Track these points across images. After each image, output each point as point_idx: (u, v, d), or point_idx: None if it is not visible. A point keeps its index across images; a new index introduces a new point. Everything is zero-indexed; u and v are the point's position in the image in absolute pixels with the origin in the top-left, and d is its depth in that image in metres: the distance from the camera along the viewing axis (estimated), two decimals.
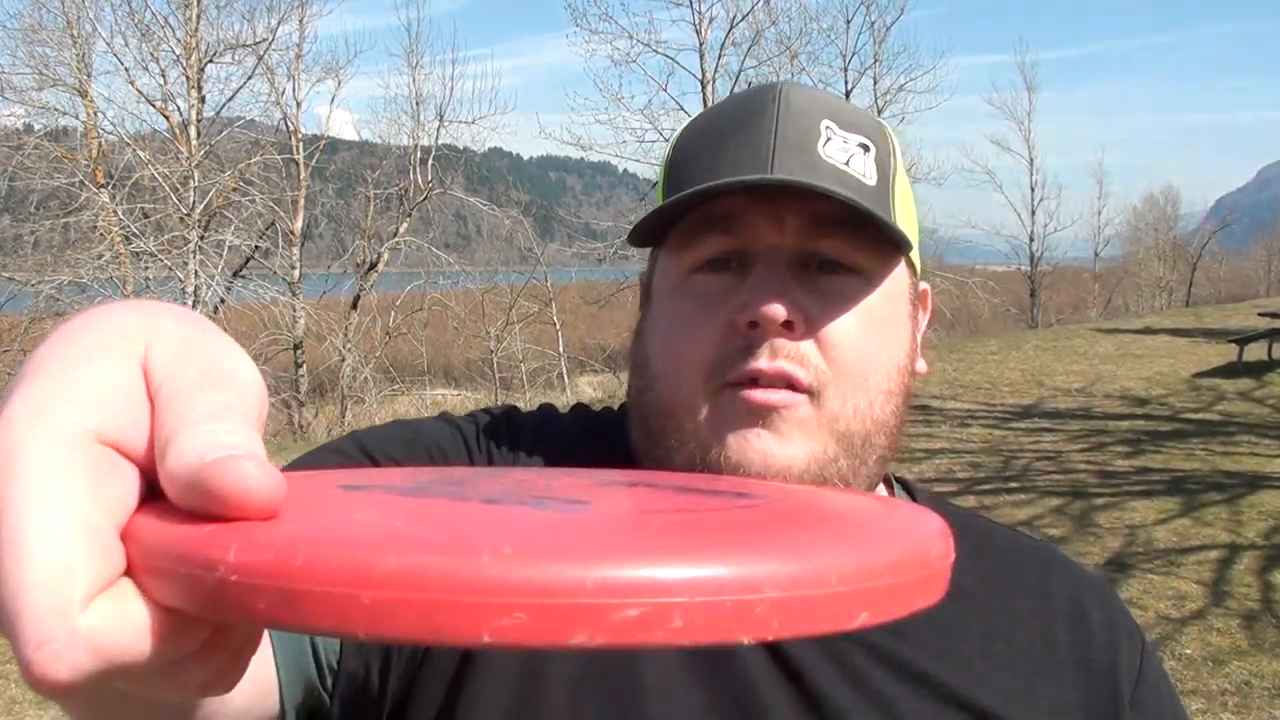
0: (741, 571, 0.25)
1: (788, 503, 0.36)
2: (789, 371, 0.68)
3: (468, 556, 0.24)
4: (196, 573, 0.26)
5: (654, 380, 0.72)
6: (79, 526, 0.27)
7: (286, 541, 0.26)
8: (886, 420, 0.71)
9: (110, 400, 0.30)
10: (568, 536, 0.28)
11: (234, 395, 0.30)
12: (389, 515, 0.30)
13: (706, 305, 0.70)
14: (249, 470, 0.27)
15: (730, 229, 0.70)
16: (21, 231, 15.56)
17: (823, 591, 0.26)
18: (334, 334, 16.25)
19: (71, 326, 0.33)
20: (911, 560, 0.29)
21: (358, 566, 0.25)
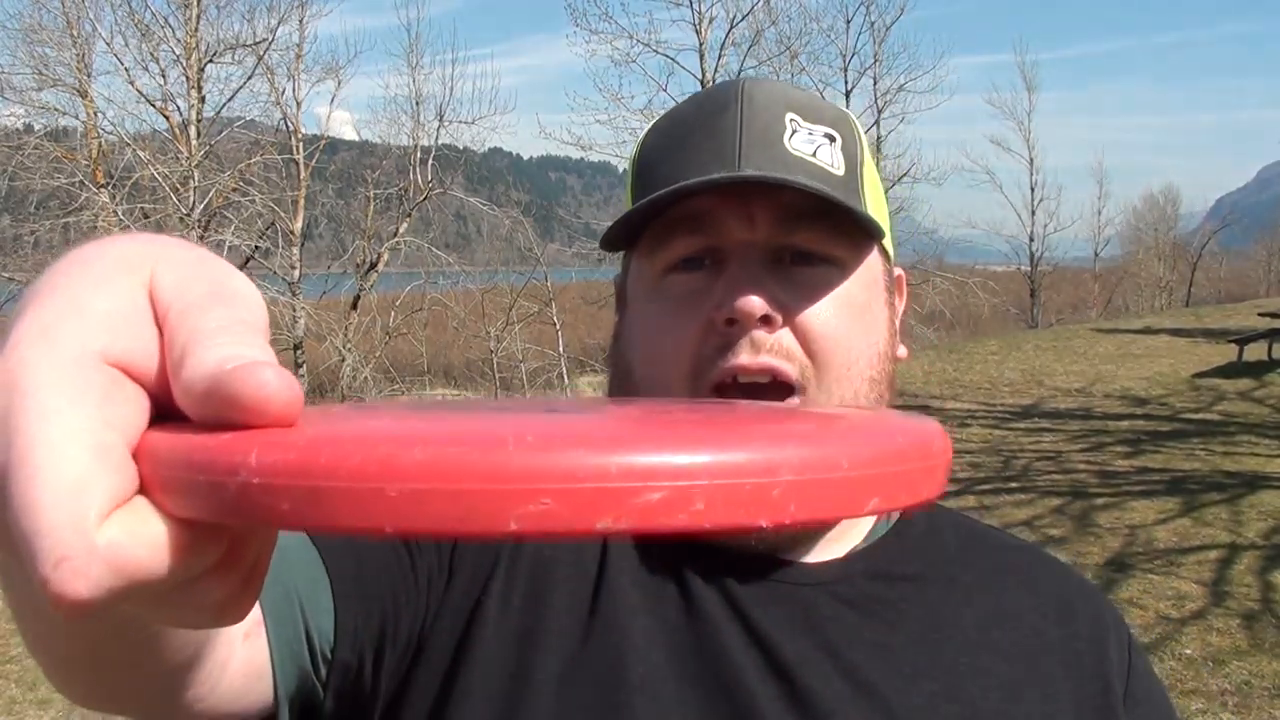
0: (759, 456, 0.26)
1: (798, 410, 0.39)
2: (773, 365, 0.68)
3: (493, 447, 0.25)
4: (218, 479, 0.26)
5: (635, 386, 0.73)
6: (91, 443, 0.27)
7: (308, 442, 0.26)
8: None
9: (117, 323, 0.30)
10: (588, 430, 0.28)
11: (244, 311, 0.31)
12: (407, 420, 0.30)
13: (683, 305, 0.70)
14: (269, 377, 0.27)
15: (701, 228, 0.70)
16: (21, 231, 15.56)
17: (836, 475, 0.27)
18: (334, 334, 16.25)
19: (75, 256, 0.33)
20: (916, 450, 0.30)
21: (384, 459, 0.25)
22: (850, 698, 0.66)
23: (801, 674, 0.66)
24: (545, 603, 0.68)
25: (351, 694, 0.66)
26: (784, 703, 0.65)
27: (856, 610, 0.70)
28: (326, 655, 0.64)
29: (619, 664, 0.65)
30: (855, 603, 0.71)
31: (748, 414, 0.35)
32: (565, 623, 0.67)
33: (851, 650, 0.68)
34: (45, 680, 3.35)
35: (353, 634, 0.64)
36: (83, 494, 0.26)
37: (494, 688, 0.65)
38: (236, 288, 0.32)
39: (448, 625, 0.67)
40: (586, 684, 0.65)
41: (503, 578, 0.68)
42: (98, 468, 0.27)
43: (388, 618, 0.65)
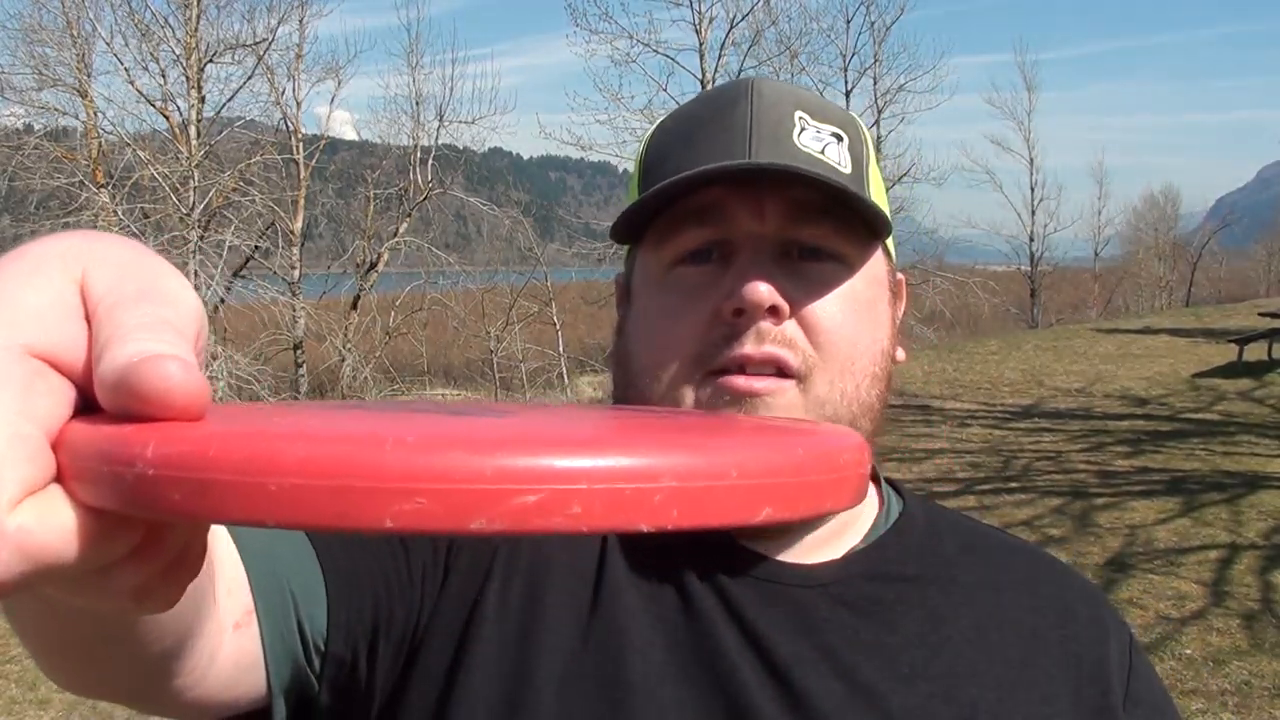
0: (640, 461, 0.26)
1: (717, 419, 0.38)
2: (778, 355, 0.68)
3: (372, 445, 0.25)
4: (118, 469, 0.27)
5: (638, 375, 0.73)
6: (5, 433, 0.28)
7: (201, 436, 0.27)
8: (872, 404, 0.72)
9: (45, 316, 0.30)
10: (473, 431, 0.29)
11: (169, 311, 0.31)
12: (307, 418, 0.31)
13: (690, 296, 0.71)
14: (172, 370, 0.28)
15: (710, 219, 0.70)
16: (21, 231, 15.54)
17: (723, 483, 0.27)
18: (334, 334, 16.24)
19: (14, 252, 0.33)
20: (818, 461, 0.30)
21: (266, 455, 0.26)
22: (847, 698, 0.66)
23: (798, 675, 0.66)
24: (543, 603, 0.68)
25: (346, 688, 0.66)
26: (781, 704, 0.65)
27: (854, 611, 0.70)
28: (319, 647, 0.64)
29: (619, 664, 0.65)
30: (853, 604, 0.71)
31: (662, 420, 0.34)
32: (564, 623, 0.67)
33: (849, 651, 0.68)
34: (45, 680, 3.36)
35: (345, 626, 0.64)
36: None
37: (494, 689, 0.65)
38: (167, 287, 0.32)
39: (445, 625, 0.67)
40: (587, 684, 0.65)
41: (500, 577, 0.68)
42: (10, 456, 0.28)
43: (380, 611, 0.65)
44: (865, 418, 0.71)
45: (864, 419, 0.71)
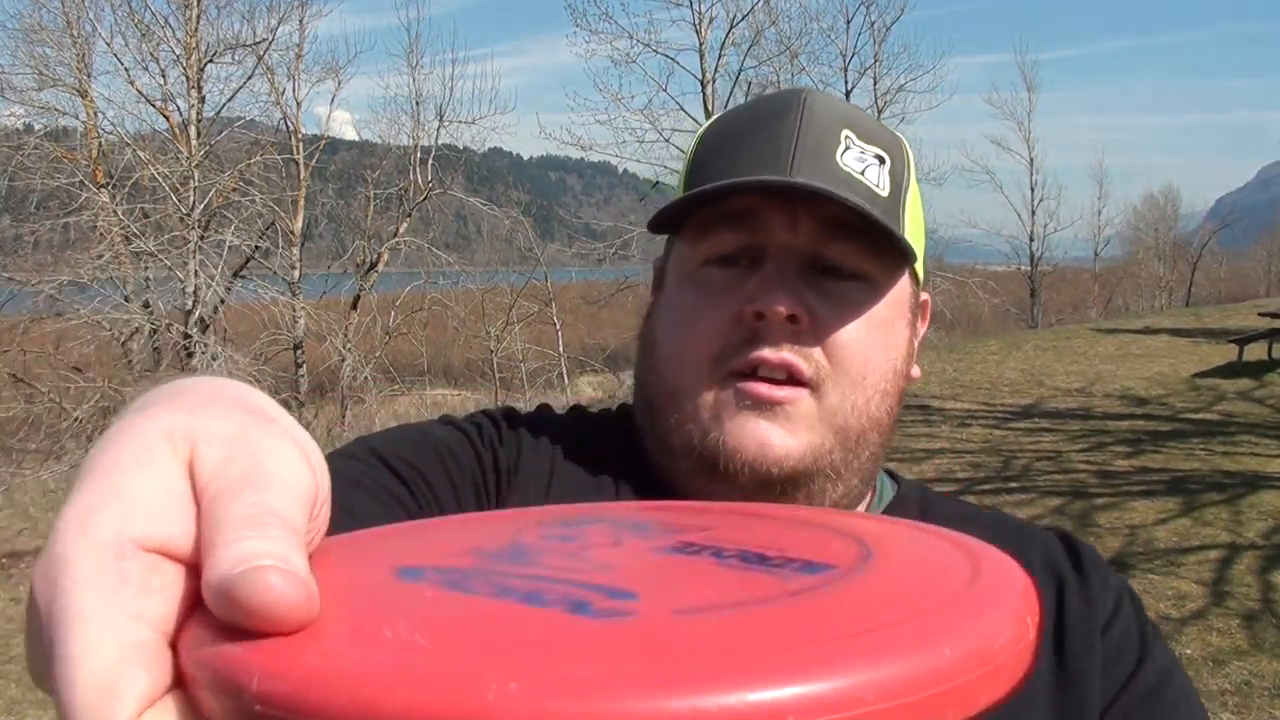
0: (762, 699, 0.24)
1: (850, 582, 0.33)
2: (792, 361, 0.70)
3: (474, 693, 0.25)
4: (226, 697, 0.27)
5: (660, 363, 0.76)
6: (122, 642, 0.27)
7: (302, 674, 0.26)
8: (881, 419, 0.74)
9: (155, 507, 0.30)
10: (585, 661, 0.27)
11: (273, 497, 0.30)
12: (415, 629, 0.29)
13: (716, 296, 0.73)
14: (273, 583, 0.27)
15: (745, 224, 0.73)
16: (21, 231, 15.56)
17: (858, 712, 0.25)
18: (334, 334, 16.24)
19: (117, 430, 0.33)
20: (968, 659, 0.27)
21: (366, 703, 0.25)
22: None
23: None
24: None
25: None
26: None
27: None
28: None
29: None
30: None
31: (786, 607, 0.31)
32: None
33: None
34: None
35: None
36: (111, 699, 0.27)
37: None
38: (274, 466, 0.31)
39: None
40: None
41: None
42: (127, 670, 0.27)
43: None
44: (874, 431, 0.74)
45: (873, 432, 0.74)
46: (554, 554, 0.38)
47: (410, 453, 0.74)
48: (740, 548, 0.38)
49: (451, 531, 0.43)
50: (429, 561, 0.37)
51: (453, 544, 0.40)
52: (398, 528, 0.44)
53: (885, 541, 0.38)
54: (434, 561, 0.37)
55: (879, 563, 0.35)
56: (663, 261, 0.82)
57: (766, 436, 0.70)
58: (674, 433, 0.73)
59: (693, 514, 0.47)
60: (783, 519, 0.44)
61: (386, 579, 0.35)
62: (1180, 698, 0.74)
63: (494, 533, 0.41)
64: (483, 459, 0.76)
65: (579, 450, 0.79)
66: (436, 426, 0.80)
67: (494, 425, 0.81)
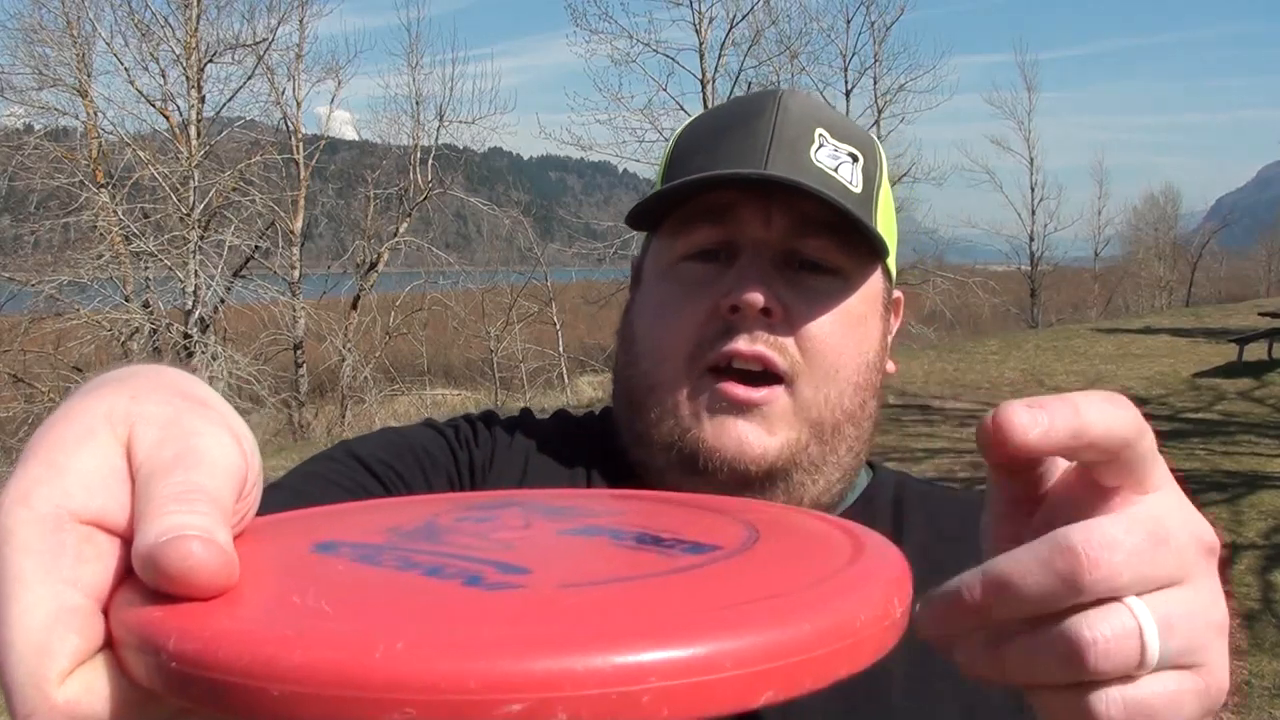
0: (627, 662, 0.26)
1: (732, 561, 0.35)
2: (766, 354, 0.71)
3: (363, 652, 0.26)
4: (148, 656, 0.29)
5: (639, 358, 0.77)
6: (55, 606, 0.29)
7: (214, 633, 0.28)
8: (855, 412, 0.75)
9: (91, 482, 0.32)
10: (474, 624, 0.29)
11: (203, 475, 0.32)
12: (322, 596, 0.31)
13: (692, 290, 0.74)
14: (194, 550, 0.29)
15: (721, 220, 0.74)
16: (21, 231, 15.56)
17: (717, 676, 0.26)
18: (334, 334, 16.24)
19: (63, 411, 0.34)
20: (828, 633, 0.29)
21: (266, 661, 0.27)
22: None
23: None
24: None
25: None
26: None
27: None
28: None
29: None
30: None
31: (669, 581, 0.33)
32: None
33: None
34: None
35: None
36: (45, 656, 0.29)
37: None
38: (205, 447, 0.33)
39: None
40: None
41: None
42: (60, 630, 0.29)
43: None
44: (849, 424, 0.75)
45: (848, 425, 0.75)
46: (463, 534, 0.40)
47: (387, 453, 0.76)
48: (639, 530, 0.41)
49: (375, 511, 0.46)
50: (345, 538, 0.39)
51: (372, 523, 0.42)
52: (326, 509, 0.46)
53: (776, 527, 0.41)
54: (350, 538, 0.39)
55: (764, 545, 0.37)
56: (640, 258, 0.83)
57: (744, 436, 0.71)
58: (653, 427, 0.74)
59: (613, 500, 0.50)
60: (696, 506, 0.47)
61: (303, 553, 0.37)
62: None
63: (414, 513, 0.43)
64: (458, 458, 0.79)
65: (554, 449, 0.81)
66: (416, 429, 0.82)
67: (471, 426, 0.83)
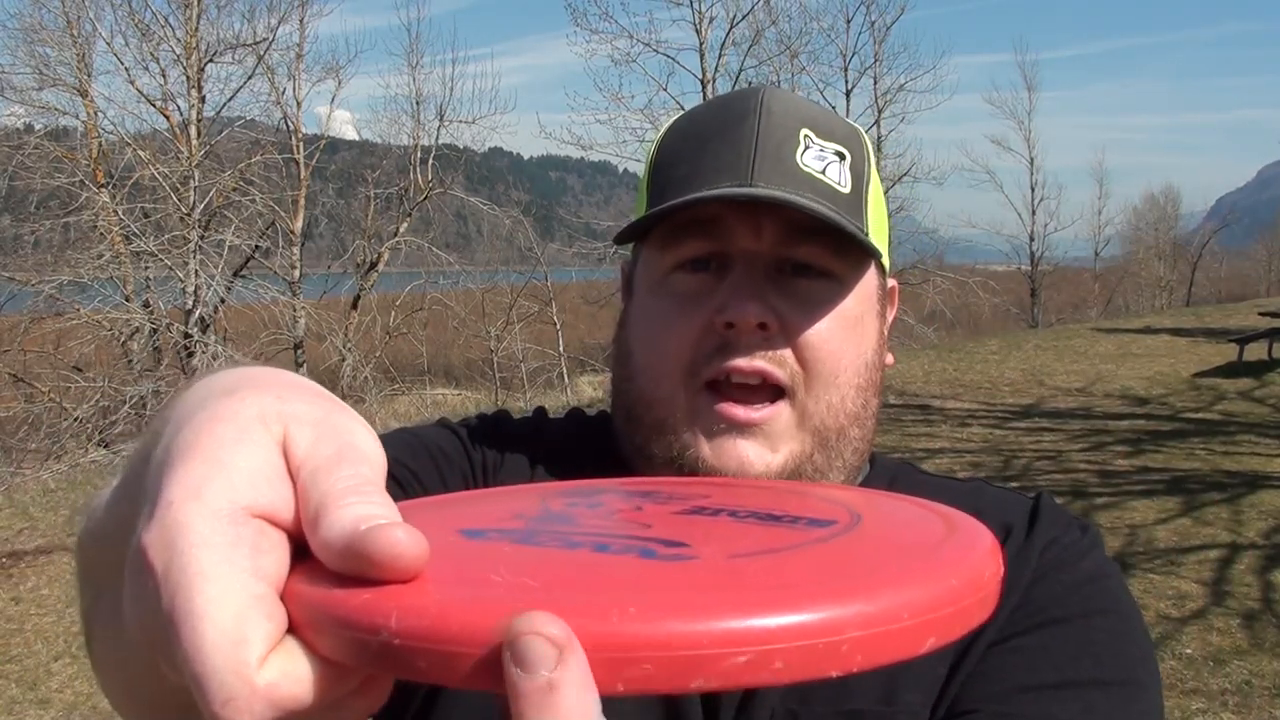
0: (830, 616, 0.29)
1: (855, 532, 0.40)
2: (765, 369, 0.71)
3: (600, 618, 0.28)
4: (362, 636, 0.30)
5: (635, 373, 0.76)
6: (245, 595, 0.31)
7: (440, 608, 0.29)
8: (858, 413, 0.75)
9: (259, 479, 0.34)
10: (681, 590, 0.32)
11: (367, 469, 0.34)
12: (520, 572, 0.33)
13: (685, 304, 0.73)
14: (400, 537, 0.31)
15: (710, 233, 0.73)
16: (21, 231, 15.55)
17: (897, 625, 0.30)
18: (334, 334, 16.24)
19: (211, 413, 0.36)
20: (969, 586, 0.34)
21: (504, 630, 0.28)
22: None
23: None
24: None
25: None
26: None
27: None
28: None
29: None
30: None
31: (818, 550, 0.37)
32: None
33: None
34: (45, 680, 3.36)
35: None
36: (242, 644, 0.30)
37: (475, 701, 0.67)
38: (358, 443, 0.35)
39: None
40: None
41: None
42: (253, 618, 0.31)
43: None
44: (853, 426, 0.74)
45: (852, 428, 0.74)
46: (590, 517, 0.42)
47: (404, 453, 0.77)
48: (749, 509, 0.44)
49: (486, 501, 0.47)
50: (487, 525, 0.41)
51: (496, 510, 0.44)
52: (429, 500, 0.48)
53: (863, 504, 0.45)
54: (491, 524, 0.41)
55: (869, 519, 0.42)
56: (631, 265, 0.82)
57: (745, 455, 0.71)
58: (653, 442, 0.74)
59: (687, 485, 0.53)
60: (767, 489, 0.49)
61: (457, 539, 0.39)
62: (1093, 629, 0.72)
63: (526, 502, 0.45)
64: (472, 458, 0.79)
65: (563, 454, 0.81)
66: (430, 429, 0.82)
67: (484, 427, 0.83)
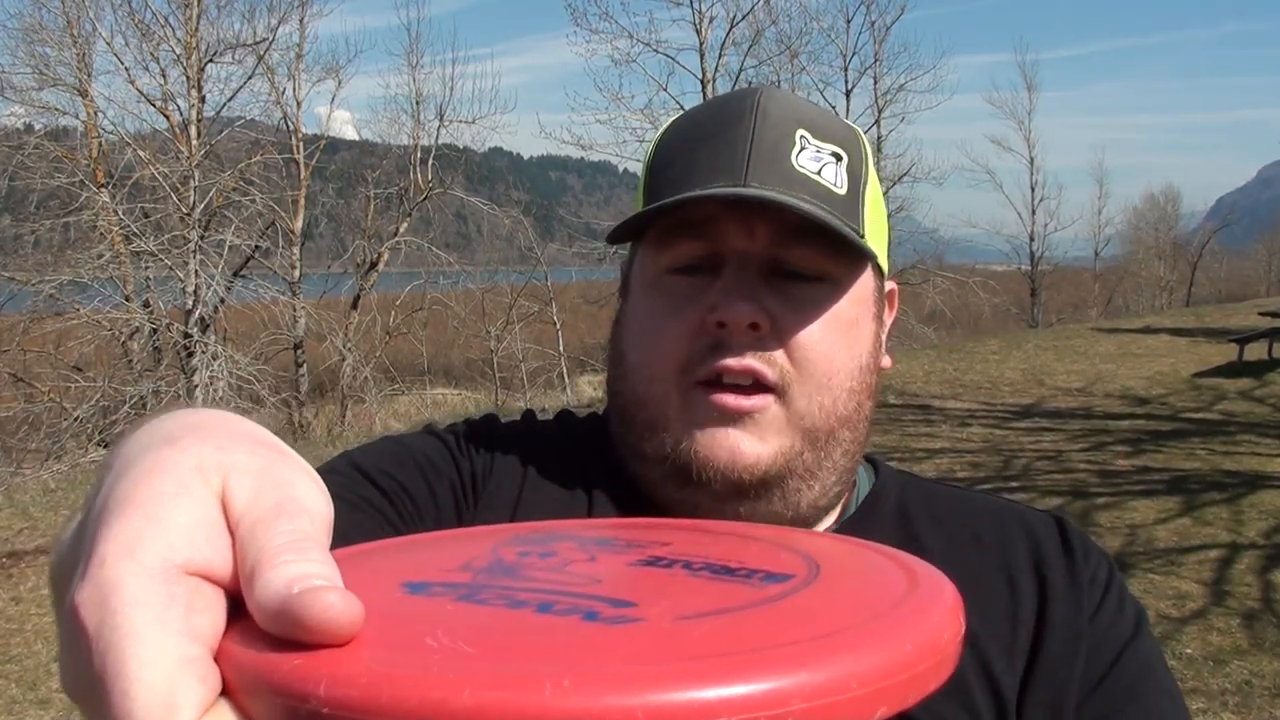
0: (774, 687, 0.29)
1: (809, 590, 0.38)
2: (755, 368, 0.71)
3: (532, 691, 0.27)
4: (291, 703, 0.29)
5: (629, 372, 0.76)
6: (177, 658, 0.30)
7: (370, 678, 0.29)
8: (850, 416, 0.75)
9: (194, 534, 0.32)
10: (619, 660, 0.31)
11: (307, 523, 0.33)
12: (457, 636, 0.32)
13: (679, 305, 0.73)
14: (333, 601, 0.30)
15: (704, 234, 0.73)
16: (21, 231, 15.54)
17: (845, 695, 0.30)
18: (334, 334, 16.24)
19: (149, 464, 0.35)
20: (925, 651, 0.33)
21: (436, 702, 0.28)
22: None
23: None
24: None
25: None
26: None
27: None
28: None
29: None
30: None
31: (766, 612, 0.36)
32: None
33: None
34: (45, 680, 3.37)
35: None
36: (173, 708, 0.29)
37: None
38: (299, 496, 0.35)
39: None
40: None
41: None
42: (184, 681, 0.29)
43: None
44: (845, 429, 0.74)
45: (844, 430, 0.74)
46: (540, 569, 0.41)
47: (390, 464, 0.76)
48: (704, 559, 0.43)
49: (437, 547, 0.47)
50: (430, 577, 0.40)
51: (445, 560, 0.43)
52: (384, 544, 0.47)
53: (821, 552, 0.45)
54: (435, 577, 0.40)
55: (827, 571, 0.41)
56: (628, 264, 0.82)
57: (737, 444, 0.71)
58: (646, 441, 0.74)
59: (649, 530, 0.52)
60: (729, 534, 0.49)
61: (398, 594, 0.38)
62: (1162, 692, 0.75)
63: (477, 547, 0.45)
64: (460, 466, 0.79)
65: (553, 458, 0.80)
66: (417, 437, 0.82)
67: (472, 432, 0.83)
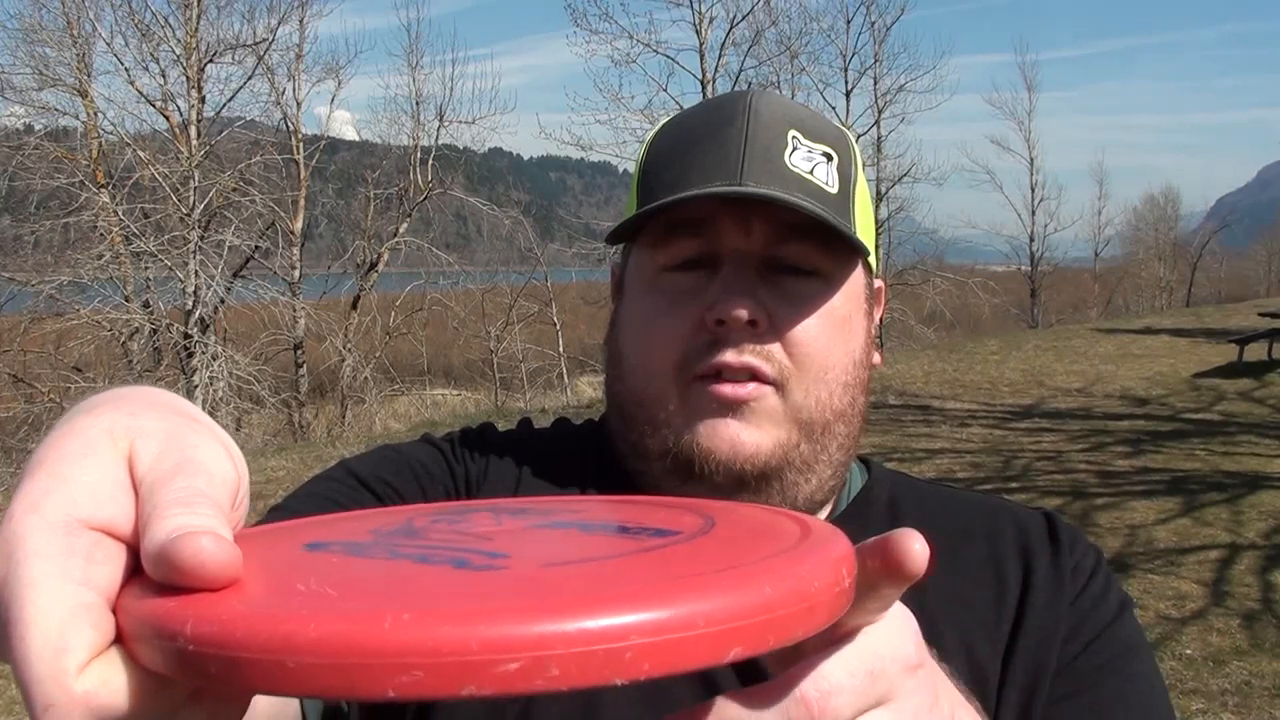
0: (611, 623, 0.29)
1: (690, 544, 0.39)
2: (754, 364, 0.72)
3: (373, 624, 0.29)
4: (164, 642, 0.31)
5: (628, 372, 0.77)
6: (72, 604, 0.31)
7: (230, 616, 0.30)
8: (845, 410, 0.76)
9: (98, 492, 0.34)
10: (467, 598, 0.32)
11: (201, 482, 0.35)
12: (325, 582, 0.34)
13: (676, 303, 0.75)
14: (204, 545, 0.32)
15: (700, 232, 0.74)
16: (21, 231, 15.54)
17: (691, 633, 0.30)
18: (334, 334, 16.24)
19: (63, 429, 0.37)
20: (790, 596, 0.32)
21: (284, 636, 0.29)
22: None
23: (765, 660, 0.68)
24: None
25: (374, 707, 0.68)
26: None
27: None
28: None
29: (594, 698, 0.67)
30: None
31: (638, 560, 0.36)
32: None
33: None
34: None
35: None
36: (63, 651, 0.31)
37: None
38: (200, 457, 0.36)
39: None
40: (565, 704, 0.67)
41: None
42: (76, 626, 0.31)
43: None
44: (839, 422, 0.76)
45: (838, 423, 0.76)
46: (440, 532, 0.43)
47: (386, 470, 0.78)
48: (604, 521, 0.45)
49: (357, 519, 0.49)
50: (333, 538, 0.42)
51: (356, 527, 0.45)
52: (312, 519, 0.50)
53: (729, 515, 0.44)
54: (338, 538, 0.42)
55: (720, 529, 0.41)
56: (621, 266, 0.83)
57: (737, 435, 0.72)
58: (647, 438, 0.75)
59: (574, 502, 0.54)
60: (650, 504, 0.50)
61: (296, 551, 0.40)
62: (1138, 674, 0.75)
63: (393, 519, 0.47)
64: (455, 471, 0.80)
65: (548, 462, 0.81)
66: (413, 445, 0.83)
67: (467, 439, 0.84)
